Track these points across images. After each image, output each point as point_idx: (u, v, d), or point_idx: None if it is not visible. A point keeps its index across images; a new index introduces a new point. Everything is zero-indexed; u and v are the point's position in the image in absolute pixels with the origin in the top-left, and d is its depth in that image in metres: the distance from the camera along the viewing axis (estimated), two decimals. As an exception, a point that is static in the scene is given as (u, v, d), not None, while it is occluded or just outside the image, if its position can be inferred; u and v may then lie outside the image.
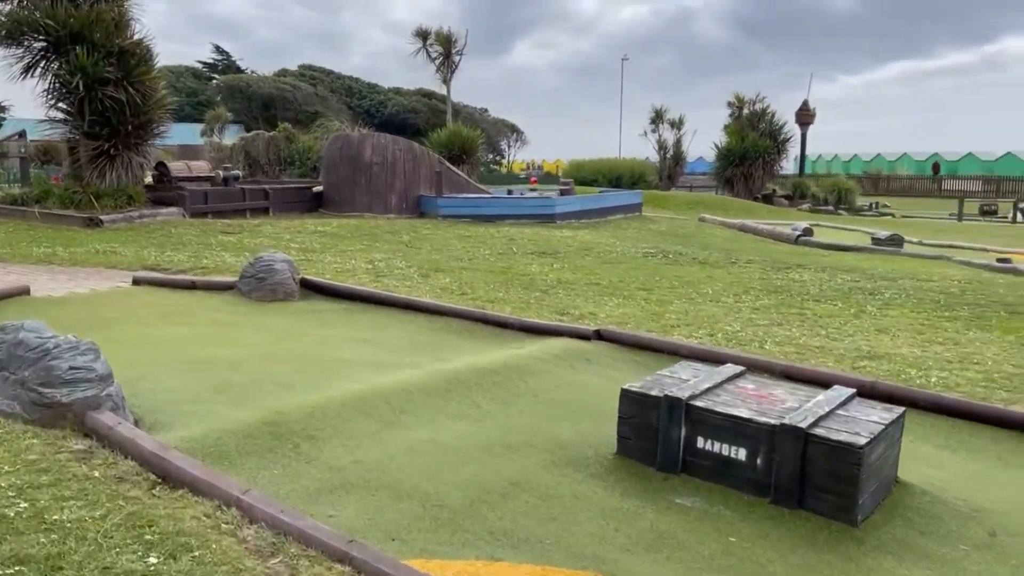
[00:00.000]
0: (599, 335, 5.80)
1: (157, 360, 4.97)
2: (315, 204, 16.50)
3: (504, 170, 63.35)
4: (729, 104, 32.83)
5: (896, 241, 14.62)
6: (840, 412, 3.38)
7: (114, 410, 3.63)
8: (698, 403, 3.45)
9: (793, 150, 32.29)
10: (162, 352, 5.21)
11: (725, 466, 3.36)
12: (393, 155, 16.08)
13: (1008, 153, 55.27)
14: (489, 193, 17.66)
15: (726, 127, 39.02)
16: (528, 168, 76.34)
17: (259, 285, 7.23)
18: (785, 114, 31.96)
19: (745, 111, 32.17)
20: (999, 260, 12.48)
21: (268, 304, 7.07)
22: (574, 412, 4.33)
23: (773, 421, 3.25)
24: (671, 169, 39.84)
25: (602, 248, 11.82)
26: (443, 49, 30.05)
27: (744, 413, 3.35)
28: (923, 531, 3.14)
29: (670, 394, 3.50)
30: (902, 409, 3.50)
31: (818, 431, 3.16)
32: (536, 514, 3.17)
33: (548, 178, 48.63)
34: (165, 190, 14.44)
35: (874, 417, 3.35)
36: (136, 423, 3.77)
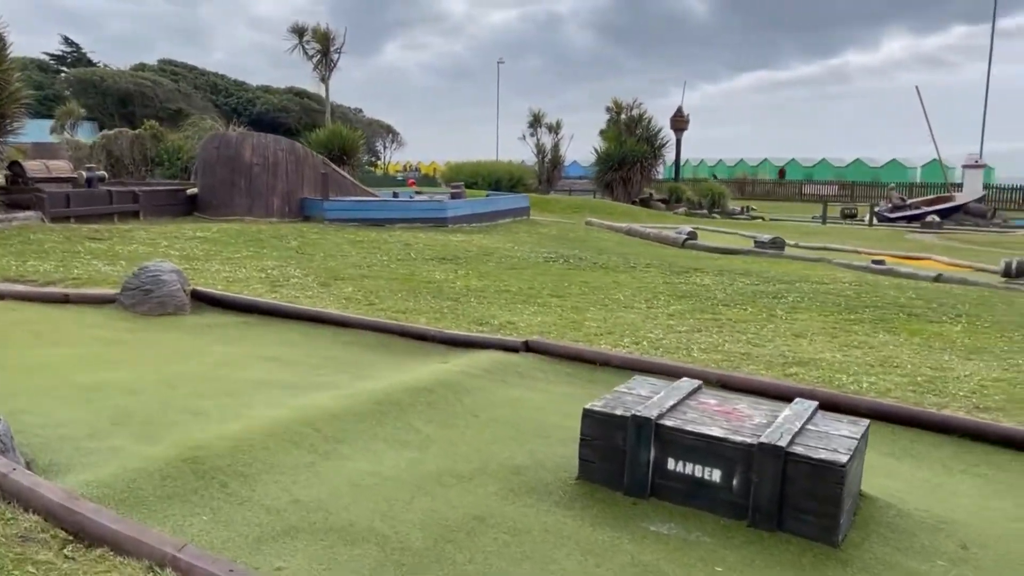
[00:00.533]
0: (528, 347, 5.59)
1: (40, 388, 4.38)
2: (189, 207, 15.53)
3: (380, 172, 62.37)
4: (608, 109, 33.52)
5: (778, 244, 15.20)
6: (810, 427, 3.30)
7: (3, 452, 3.10)
8: (667, 422, 3.29)
9: (668, 155, 33.32)
10: (44, 378, 4.61)
11: (698, 488, 3.21)
12: (275, 156, 15.35)
13: (857, 159, 59.29)
14: (377, 196, 17.17)
15: (602, 132, 39.87)
16: (405, 170, 75.65)
17: (145, 298, 6.60)
18: (659, 120, 32.89)
19: (623, 116, 32.90)
20: (874, 262, 13.16)
21: (157, 319, 6.47)
22: (519, 432, 4.10)
23: (750, 440, 3.12)
24: (549, 173, 40.26)
25: (502, 253, 11.64)
26: (321, 47, 29.15)
27: (717, 432, 3.21)
28: (900, 547, 3.09)
29: (638, 414, 3.32)
30: (867, 421, 3.46)
31: (797, 449, 3.06)
32: (508, 553, 2.91)
33: (426, 180, 48.22)
34: (20, 192, 13.19)
35: (844, 431, 3.29)
36: (28, 466, 3.25)
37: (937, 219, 29.22)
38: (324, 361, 5.35)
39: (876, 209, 30.75)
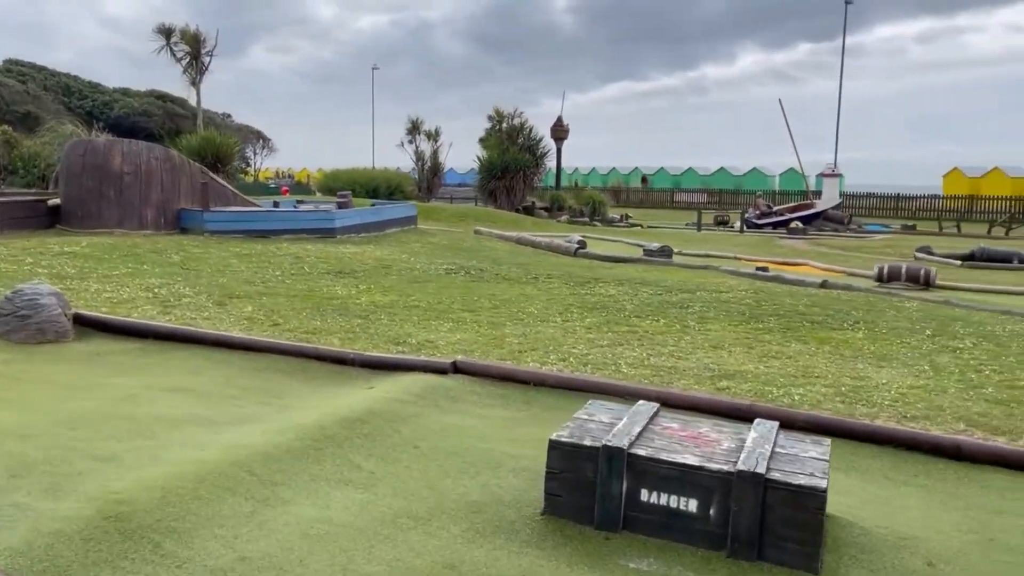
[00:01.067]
0: (456, 368, 5.37)
1: (-87, 438, 3.82)
2: (51, 220, 14.34)
3: (250, 179, 60.26)
4: (489, 118, 33.64)
5: (666, 253, 15.56)
6: (779, 450, 3.26)
7: None
8: (640, 452, 3.17)
9: (549, 163, 33.71)
10: (-84, 425, 4.03)
11: (673, 519, 3.11)
12: (148, 164, 14.40)
13: (721, 168, 62.04)
14: (259, 206, 16.44)
15: (482, 140, 40.04)
16: (278, 177, 73.35)
17: (21, 325, 5.96)
18: (539, 128, 33.24)
19: (504, 125, 33.06)
20: (758, 268, 13.67)
21: (36, 349, 5.84)
22: (467, 463, 3.89)
23: (727, 468, 3.05)
24: (429, 180, 40.03)
25: (400, 266, 11.34)
26: (191, 49, 27.78)
27: (692, 460, 3.12)
28: (873, 569, 3.08)
29: (609, 444, 3.18)
30: (828, 441, 3.46)
31: (775, 475, 3.01)
32: (489, 603, 2.70)
33: (299, 188, 46.83)
34: None
35: (812, 452, 3.27)
36: (-84, 538, 2.78)
37: (800, 225, 30.90)
38: (240, 391, 4.96)
39: (745, 216, 32.19)
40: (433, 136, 40.19)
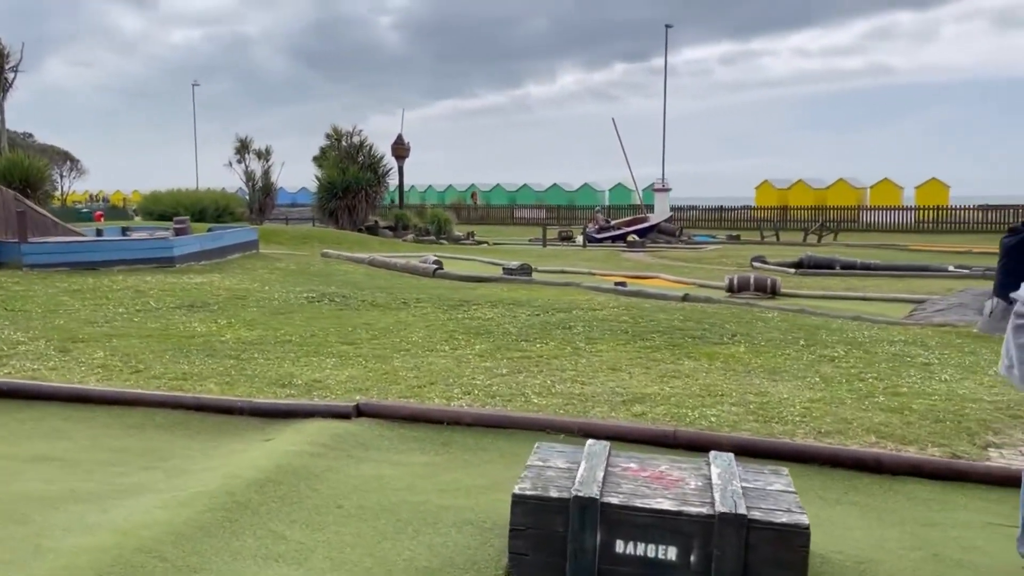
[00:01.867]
0: (360, 411, 4.98)
1: None
2: None
3: (57, 203, 55.44)
4: (327, 136, 32.73)
5: (526, 270, 15.60)
6: (745, 485, 3.17)
7: None
8: (612, 500, 2.98)
9: (391, 182, 33.22)
10: None
11: (651, 570, 2.93)
12: (-49, 192, 12.79)
13: (554, 184, 63.74)
14: (83, 234, 15.03)
15: (316, 159, 38.92)
16: (91, 201, 68.07)
17: None
18: (377, 146, 32.64)
19: (343, 143, 32.28)
20: (617, 284, 13.94)
21: None
22: (402, 522, 3.55)
23: (706, 511, 2.91)
24: (262, 201, 38.42)
25: (256, 296, 10.64)
26: (-10, 63, 25.16)
27: (667, 505, 2.96)
28: (847, 599, 3.05)
29: (580, 494, 2.97)
30: (785, 469, 3.41)
31: (756, 515, 2.90)
32: None
33: (115, 212, 43.57)
34: None
35: (777, 484, 3.20)
36: None
37: (637, 238, 32.16)
38: (116, 455, 4.34)
39: (586, 231, 33.12)
40: (264, 155, 38.66)
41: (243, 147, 38.62)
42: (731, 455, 3.45)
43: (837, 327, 8.50)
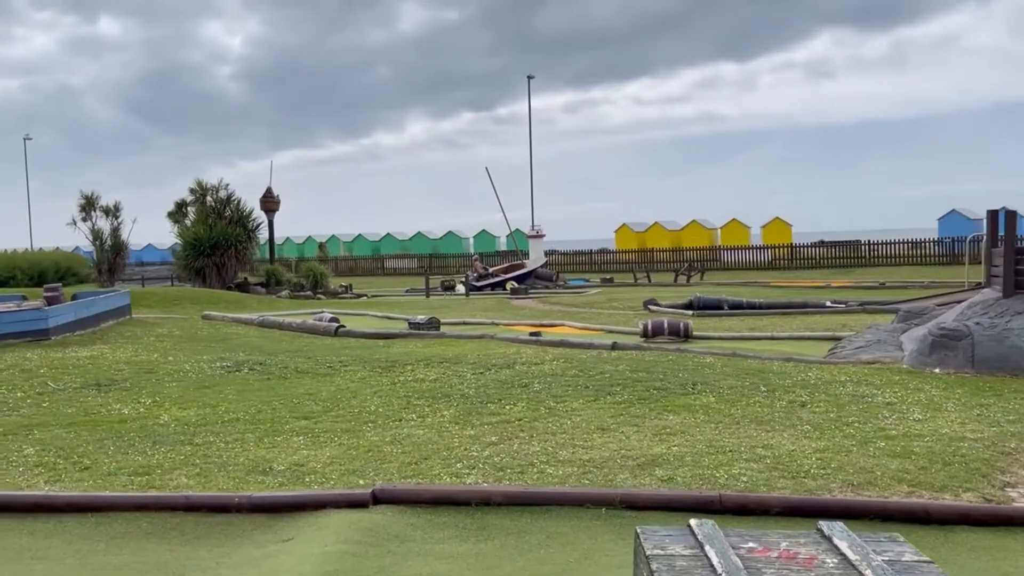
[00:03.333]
0: (376, 498, 4.55)
1: None
2: None
3: None
4: (192, 191, 31.16)
5: (434, 324, 15.24)
6: (882, 558, 3.05)
7: None
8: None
9: (261, 236, 31.91)
10: None
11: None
12: None
13: (418, 232, 63.31)
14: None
15: (171, 214, 36.94)
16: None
17: None
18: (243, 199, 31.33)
19: (209, 198, 30.81)
20: (531, 334, 13.85)
21: None
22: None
23: (871, 592, 2.76)
24: (111, 261, 35.89)
25: (164, 368, 9.78)
26: None
27: (827, 589, 2.79)
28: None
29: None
30: (900, 536, 3.33)
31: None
32: None
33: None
34: None
35: (907, 555, 3.10)
36: None
37: (516, 284, 32.37)
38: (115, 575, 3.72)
39: (466, 279, 33.02)
40: (113, 212, 36.24)
41: (89, 204, 35.97)
42: (841, 523, 3.34)
43: (779, 370, 8.71)
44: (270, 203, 31.79)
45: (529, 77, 46.00)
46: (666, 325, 13.48)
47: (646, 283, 33.61)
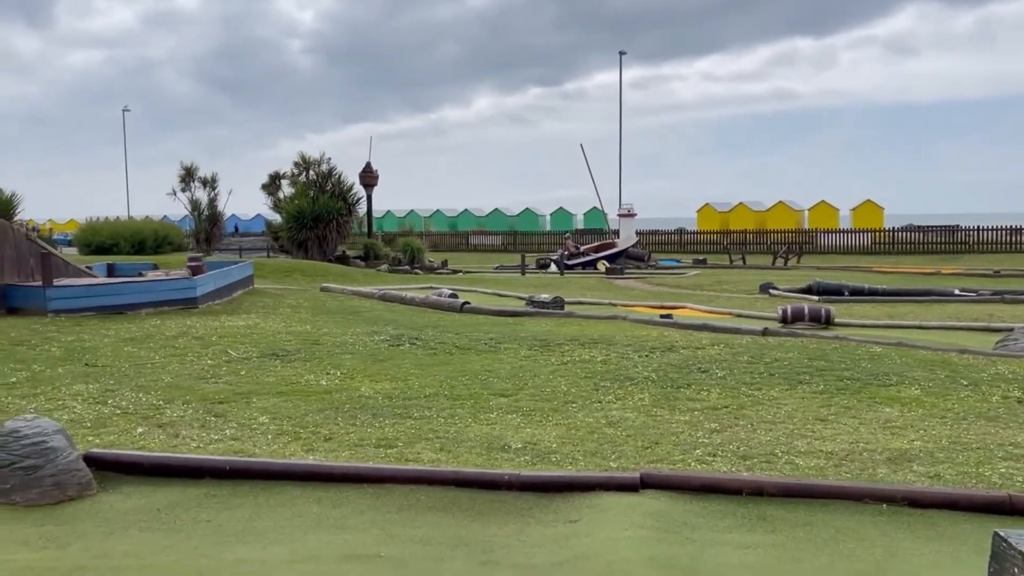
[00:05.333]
0: (644, 482, 4.52)
1: None
2: None
3: None
4: (296, 164, 31.74)
5: (559, 304, 15.23)
6: None
7: None
8: None
9: (360, 209, 32.35)
10: None
11: None
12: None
13: (496, 209, 63.21)
14: (97, 276, 13.99)
15: (265, 186, 37.73)
16: (29, 230, 64.15)
17: (27, 480, 4.25)
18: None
19: (311, 172, 31.37)
20: (662, 316, 13.73)
21: (55, 512, 4.17)
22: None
23: None
24: (209, 231, 36.91)
25: (326, 341, 9.99)
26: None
27: None
28: None
29: None
30: None
31: None
32: None
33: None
34: None
35: None
36: None
37: (607, 264, 32.12)
38: (430, 549, 3.78)
39: (554, 258, 32.92)
40: (210, 183, 37.19)
41: (188, 174, 37.09)
42: None
43: (963, 362, 8.43)
44: (369, 178, 32.19)
45: (621, 53, 45.43)
46: (807, 311, 13.20)
47: (741, 265, 33.05)
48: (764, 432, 5.80)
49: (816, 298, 17.22)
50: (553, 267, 32.21)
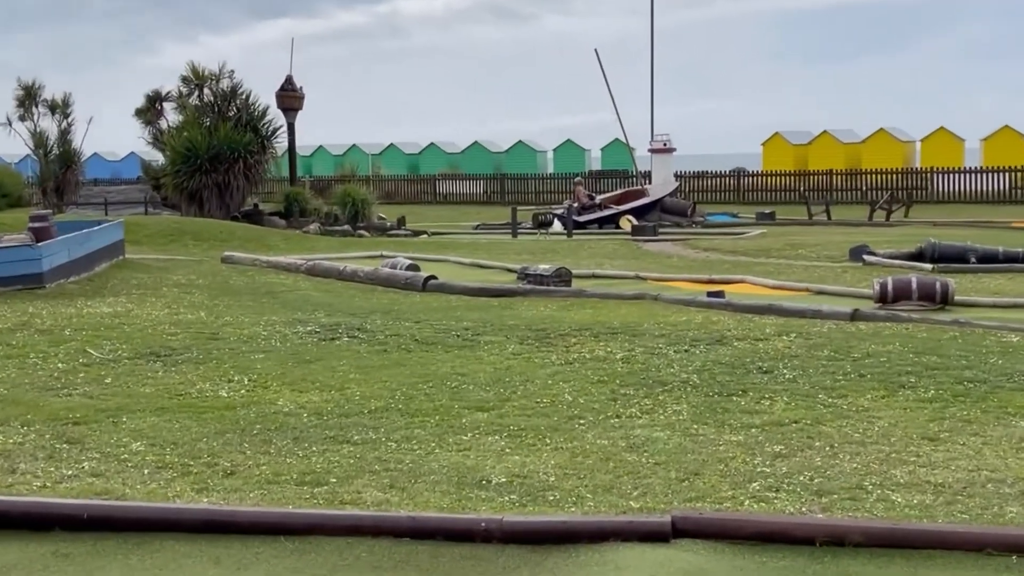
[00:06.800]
0: (676, 528, 4.60)
1: None
2: None
3: None
4: (184, 80, 31.66)
5: (564, 278, 15.37)
6: None
7: None
8: None
9: (279, 145, 32.36)
10: None
11: None
12: None
13: (475, 143, 62.57)
14: None
15: (141, 111, 37.68)
16: None
17: None
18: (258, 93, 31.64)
19: (207, 91, 31.30)
20: (710, 294, 13.86)
21: None
22: None
23: None
24: (60, 178, 36.67)
25: (235, 335, 10.08)
26: None
27: None
28: None
29: None
30: None
31: None
32: None
33: None
34: None
35: None
36: None
37: (634, 220, 32.21)
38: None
39: (560, 213, 32.95)
40: (61, 108, 36.88)
41: (28, 96, 36.72)
42: None
43: None
44: (292, 98, 32.14)
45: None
46: (915, 285, 13.33)
47: (825, 220, 33.26)
48: (849, 457, 5.92)
49: (930, 267, 17.39)
50: (557, 226, 32.36)
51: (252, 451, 6.10)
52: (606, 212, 33.52)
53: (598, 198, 35.21)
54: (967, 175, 43.30)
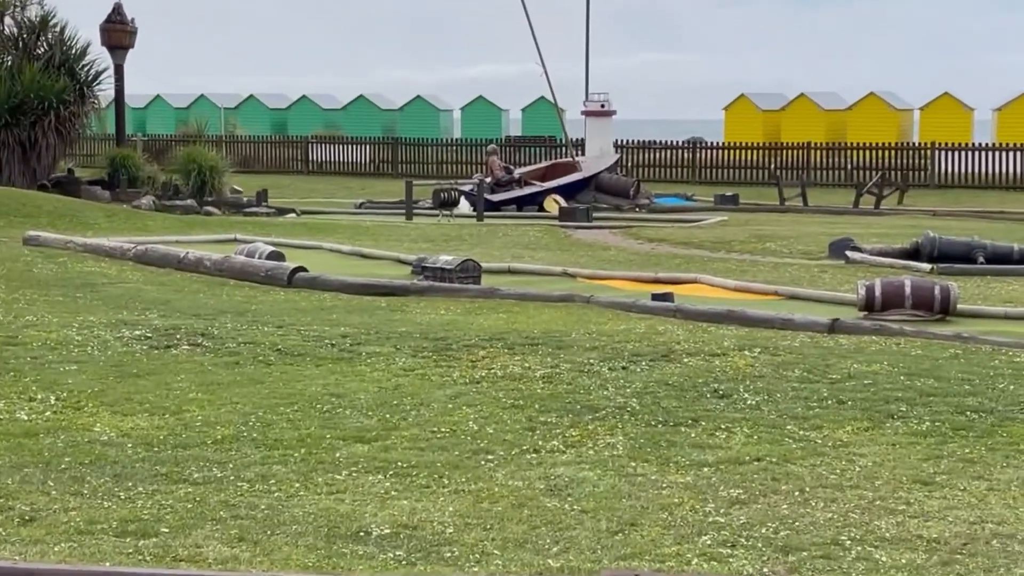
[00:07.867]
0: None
1: None
2: None
3: None
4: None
5: (471, 272, 15.41)
6: None
7: None
8: None
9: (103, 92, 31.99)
10: None
11: None
12: None
13: (360, 97, 62.74)
14: None
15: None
16: None
17: None
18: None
19: (7, 21, 30.78)
20: (655, 297, 13.99)
21: None
22: None
23: None
24: None
25: (39, 340, 10.11)
26: None
27: None
28: None
29: None
30: None
31: None
32: None
33: None
34: None
35: None
36: None
37: (562, 201, 32.41)
38: None
39: (468, 189, 32.95)
40: None
41: None
42: None
43: None
44: (119, 33, 31.72)
45: None
46: (909, 290, 13.60)
47: (800, 206, 33.81)
48: (823, 504, 6.04)
49: (927, 267, 17.77)
50: (465, 206, 32.38)
51: (59, 491, 6.10)
52: (527, 190, 33.61)
53: (517, 172, 35.34)
54: (976, 153, 44.06)
